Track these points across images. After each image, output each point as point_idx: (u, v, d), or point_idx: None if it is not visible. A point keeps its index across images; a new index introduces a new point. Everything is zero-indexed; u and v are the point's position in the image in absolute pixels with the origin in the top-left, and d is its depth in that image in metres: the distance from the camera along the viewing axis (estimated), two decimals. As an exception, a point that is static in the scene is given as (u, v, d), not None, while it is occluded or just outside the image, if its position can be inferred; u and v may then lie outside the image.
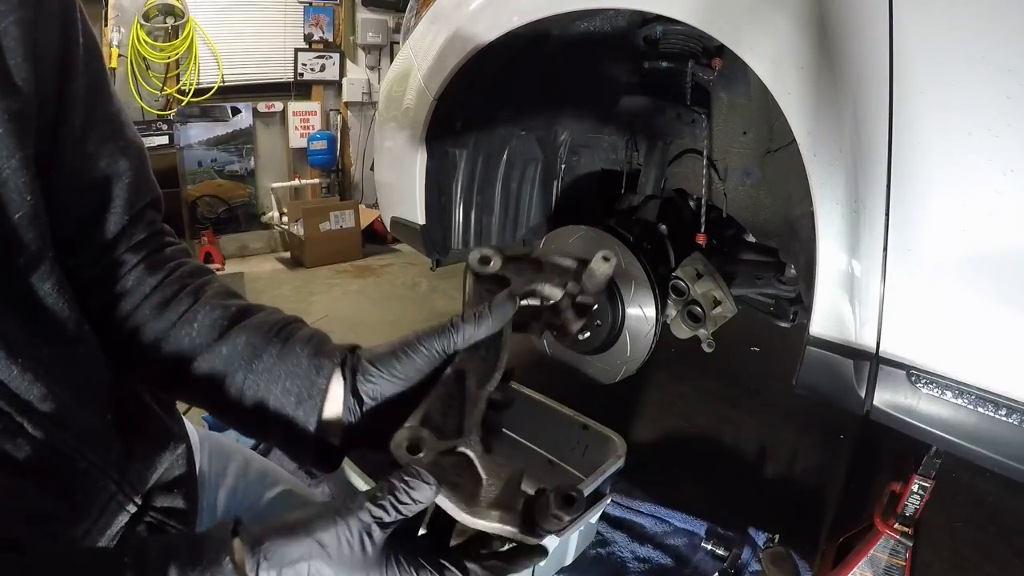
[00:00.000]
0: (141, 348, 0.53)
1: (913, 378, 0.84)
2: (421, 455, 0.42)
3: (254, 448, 1.65)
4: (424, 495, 0.40)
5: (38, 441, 0.43)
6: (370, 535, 0.39)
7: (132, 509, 0.51)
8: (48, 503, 0.44)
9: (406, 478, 0.40)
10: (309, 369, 0.51)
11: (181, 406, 0.62)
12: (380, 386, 0.50)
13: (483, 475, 0.43)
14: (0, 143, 0.41)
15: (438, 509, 0.42)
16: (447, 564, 0.41)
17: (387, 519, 0.39)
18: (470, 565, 0.41)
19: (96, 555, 0.39)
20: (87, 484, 0.47)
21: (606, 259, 0.51)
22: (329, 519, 0.39)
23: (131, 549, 0.37)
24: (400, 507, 0.39)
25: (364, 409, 0.51)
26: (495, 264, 0.52)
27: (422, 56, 1.49)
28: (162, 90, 3.61)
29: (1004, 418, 0.78)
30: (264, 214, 4.21)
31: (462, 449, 0.44)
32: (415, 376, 0.50)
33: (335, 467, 0.54)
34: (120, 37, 3.42)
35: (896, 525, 1.12)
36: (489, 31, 1.29)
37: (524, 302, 0.52)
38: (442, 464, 0.42)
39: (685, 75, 1.37)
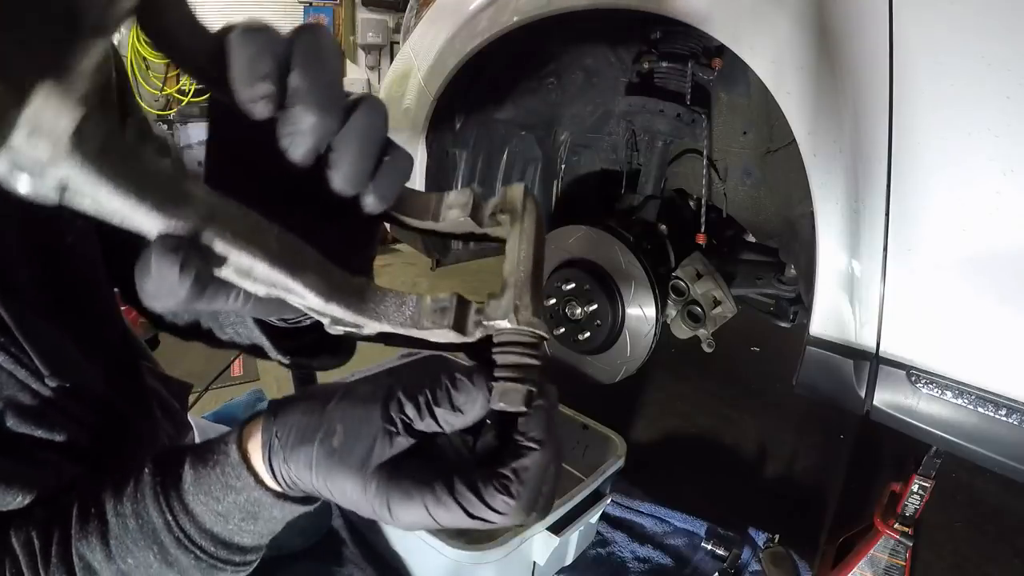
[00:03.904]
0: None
1: (913, 378, 0.84)
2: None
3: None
4: (475, 408, 0.32)
5: (97, 399, 0.49)
6: (390, 441, 0.32)
7: None
8: (101, 452, 0.49)
9: (457, 377, 0.32)
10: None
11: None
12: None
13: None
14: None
15: None
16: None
17: (416, 425, 0.32)
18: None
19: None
20: (149, 434, 0.55)
21: None
22: (354, 403, 0.33)
23: (156, 453, 0.39)
24: (439, 414, 0.32)
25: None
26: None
27: (422, 56, 1.49)
28: (162, 90, 3.61)
29: (1004, 418, 0.79)
30: (264, 214, 4.21)
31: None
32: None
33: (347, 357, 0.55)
34: (120, 37, 3.42)
35: (896, 525, 1.11)
36: (489, 31, 1.29)
37: None
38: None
39: (685, 75, 1.37)
